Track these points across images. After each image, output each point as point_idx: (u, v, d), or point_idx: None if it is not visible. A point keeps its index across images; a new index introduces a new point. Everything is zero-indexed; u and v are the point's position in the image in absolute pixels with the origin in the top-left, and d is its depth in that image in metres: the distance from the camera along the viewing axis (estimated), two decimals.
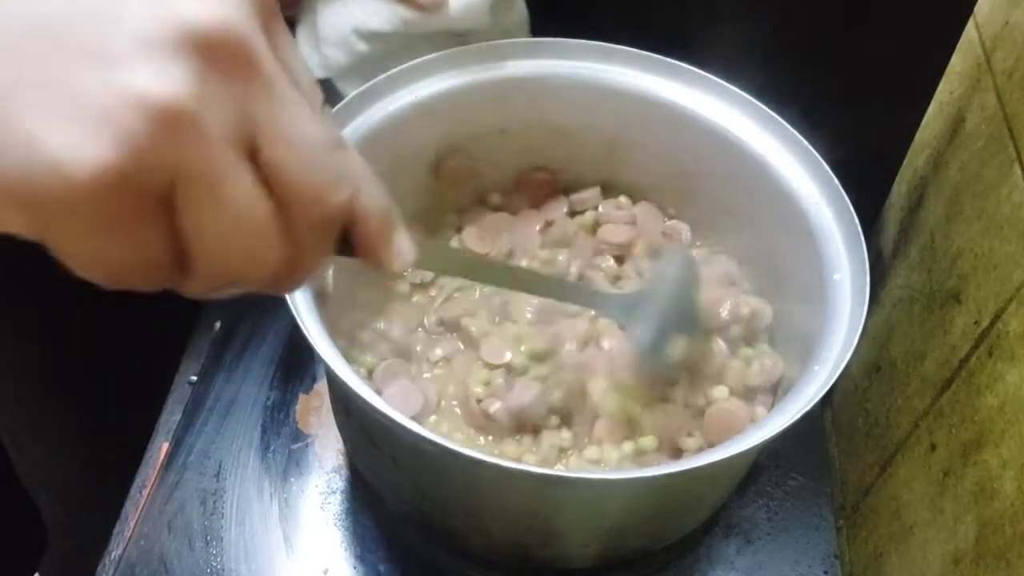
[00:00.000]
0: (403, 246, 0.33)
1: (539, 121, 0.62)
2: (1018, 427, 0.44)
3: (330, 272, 0.53)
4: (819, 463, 0.66)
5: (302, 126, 0.27)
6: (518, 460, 0.52)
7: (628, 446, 0.53)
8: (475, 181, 0.64)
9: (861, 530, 0.61)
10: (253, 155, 0.26)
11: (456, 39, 0.58)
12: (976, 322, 0.50)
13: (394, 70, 0.56)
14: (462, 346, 0.58)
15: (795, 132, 0.56)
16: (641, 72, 0.60)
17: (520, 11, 0.61)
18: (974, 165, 0.54)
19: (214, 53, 0.24)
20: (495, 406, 0.53)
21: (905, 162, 0.67)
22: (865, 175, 0.55)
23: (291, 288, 0.31)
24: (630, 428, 0.53)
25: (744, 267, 0.62)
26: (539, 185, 0.65)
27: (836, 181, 0.53)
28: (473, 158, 0.63)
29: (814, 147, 0.55)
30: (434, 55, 0.57)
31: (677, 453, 0.54)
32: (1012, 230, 0.48)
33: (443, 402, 0.56)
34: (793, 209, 0.55)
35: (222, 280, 0.27)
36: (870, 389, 0.64)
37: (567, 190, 0.66)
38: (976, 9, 0.59)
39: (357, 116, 0.55)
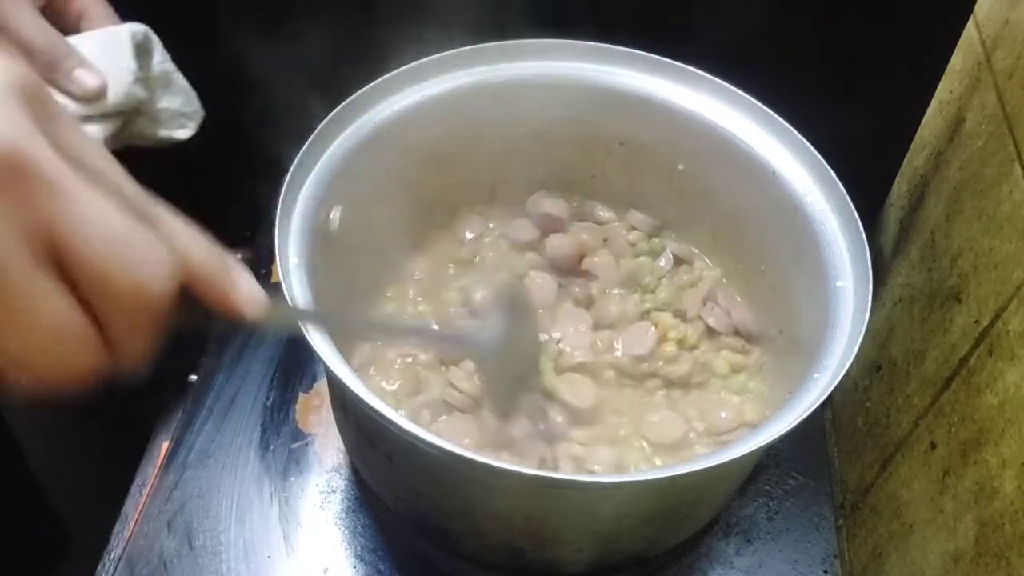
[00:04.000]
0: (250, 292, 0.33)
1: (541, 121, 0.62)
2: (1018, 426, 0.44)
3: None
4: (819, 462, 0.66)
5: (94, 212, 0.26)
6: None
7: None
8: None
9: (861, 529, 0.61)
10: (56, 256, 0.25)
11: (126, 116, 0.58)
12: (976, 321, 0.50)
13: (401, 69, 0.57)
14: None
15: (802, 138, 0.55)
16: (644, 74, 0.60)
17: (183, 90, 0.61)
18: (974, 164, 0.54)
19: None
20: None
21: (905, 161, 0.67)
22: (865, 175, 0.55)
23: (135, 367, 0.30)
24: None
25: (746, 271, 0.62)
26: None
27: (841, 186, 0.53)
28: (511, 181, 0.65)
29: (814, 146, 0.55)
30: (442, 54, 0.58)
31: None
32: (1012, 229, 0.48)
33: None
34: (797, 214, 0.55)
35: (42, 388, 0.27)
36: (870, 388, 0.64)
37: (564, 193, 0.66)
38: (976, 8, 0.59)
39: (363, 113, 0.55)
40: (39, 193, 0.25)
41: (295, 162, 0.51)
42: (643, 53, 0.59)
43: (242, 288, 0.33)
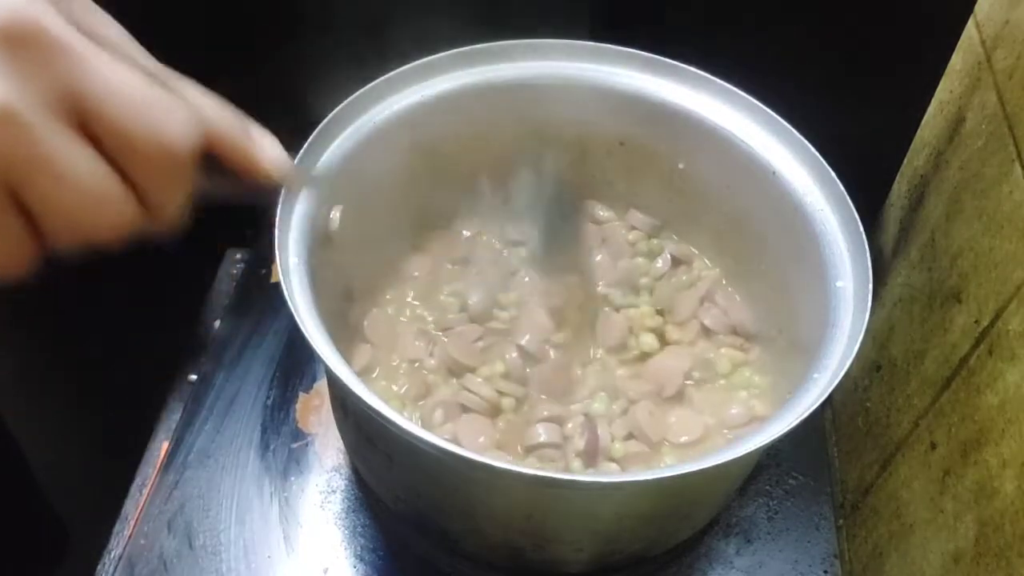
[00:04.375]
0: (272, 153, 0.35)
1: (541, 121, 0.62)
2: (1018, 426, 0.44)
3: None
4: (819, 462, 0.66)
5: (114, 75, 0.28)
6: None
7: None
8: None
9: (861, 529, 0.61)
10: (83, 120, 0.27)
11: None
12: (976, 321, 0.50)
13: (401, 68, 0.57)
14: None
15: (802, 138, 0.55)
16: (644, 74, 0.60)
17: None
18: (974, 164, 0.54)
19: (12, 44, 0.26)
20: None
21: (905, 161, 0.67)
22: (865, 175, 0.55)
23: (170, 224, 0.31)
24: None
25: (746, 271, 0.62)
26: None
27: (841, 186, 0.53)
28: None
29: (814, 146, 0.55)
30: (441, 55, 0.58)
31: None
32: (1012, 229, 0.48)
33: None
34: (797, 214, 0.55)
35: (84, 241, 0.28)
36: (870, 388, 0.64)
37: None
38: (976, 8, 0.59)
39: (363, 113, 0.55)
40: (59, 59, 0.27)
41: (295, 162, 0.51)
42: (643, 53, 0.59)
43: (265, 149, 0.34)
